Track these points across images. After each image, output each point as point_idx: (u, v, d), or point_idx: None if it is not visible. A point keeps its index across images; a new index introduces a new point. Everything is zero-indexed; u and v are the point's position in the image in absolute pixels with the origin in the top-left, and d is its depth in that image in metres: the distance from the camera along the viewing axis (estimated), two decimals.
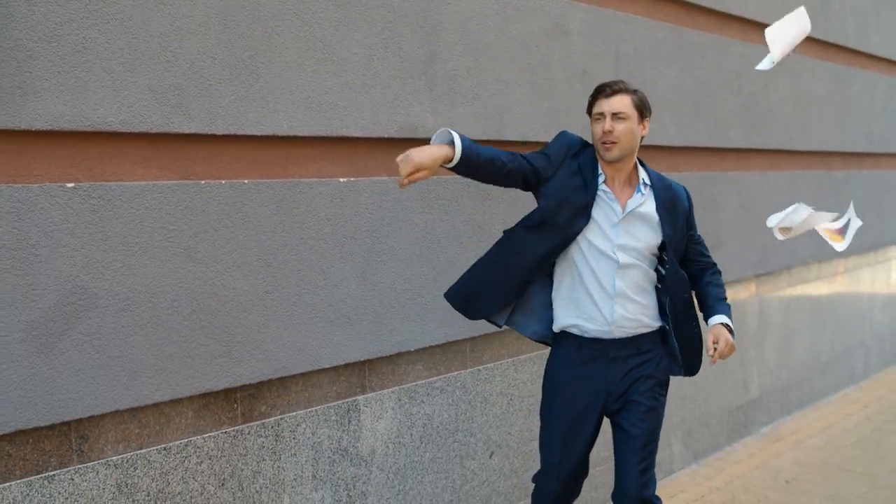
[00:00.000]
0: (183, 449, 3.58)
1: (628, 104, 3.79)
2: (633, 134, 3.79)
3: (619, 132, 3.75)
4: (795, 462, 6.53)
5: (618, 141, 3.75)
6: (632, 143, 3.80)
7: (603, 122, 3.77)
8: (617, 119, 3.77)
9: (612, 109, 3.77)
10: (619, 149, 3.76)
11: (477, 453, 4.77)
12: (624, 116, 3.77)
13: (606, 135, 3.75)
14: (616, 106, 3.78)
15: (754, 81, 6.81)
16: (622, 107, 3.78)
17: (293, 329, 3.90)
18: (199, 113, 3.56)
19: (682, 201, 3.95)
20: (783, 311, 7.45)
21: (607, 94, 3.81)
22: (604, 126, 3.76)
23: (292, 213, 3.88)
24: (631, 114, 3.79)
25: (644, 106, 3.86)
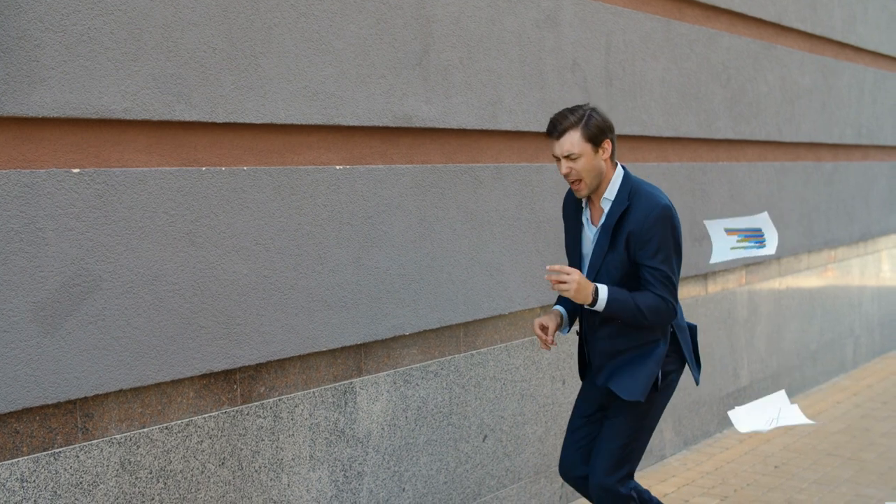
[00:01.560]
0: (184, 428, 3.68)
1: (577, 142, 3.75)
2: (592, 166, 3.80)
3: (577, 171, 3.78)
4: (785, 448, 6.64)
5: (581, 178, 3.80)
6: (596, 173, 3.82)
7: (560, 165, 3.81)
8: (571, 160, 3.78)
9: (563, 152, 3.78)
10: (586, 185, 3.83)
11: (471, 436, 4.88)
12: (576, 156, 3.77)
13: (567, 176, 3.81)
14: (566, 147, 3.77)
15: (742, 73, 6.92)
16: (571, 147, 3.76)
17: (291, 312, 4.01)
18: (200, 101, 3.66)
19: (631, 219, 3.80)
20: (773, 300, 7.57)
21: (555, 136, 3.79)
22: (562, 168, 3.80)
23: (290, 200, 3.98)
24: (583, 150, 3.76)
25: (596, 133, 3.78)
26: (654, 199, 3.82)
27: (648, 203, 3.80)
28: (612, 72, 5.65)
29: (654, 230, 3.77)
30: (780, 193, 7.52)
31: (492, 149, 4.95)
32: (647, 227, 3.76)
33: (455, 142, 4.76)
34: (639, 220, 3.78)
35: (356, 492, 4.31)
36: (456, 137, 4.76)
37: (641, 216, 3.78)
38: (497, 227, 4.93)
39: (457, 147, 4.77)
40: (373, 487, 4.38)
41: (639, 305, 3.77)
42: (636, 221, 3.78)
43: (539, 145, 5.17)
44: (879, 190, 9.32)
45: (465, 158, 4.80)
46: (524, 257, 5.04)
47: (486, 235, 4.86)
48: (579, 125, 3.76)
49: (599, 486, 3.98)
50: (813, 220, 8.05)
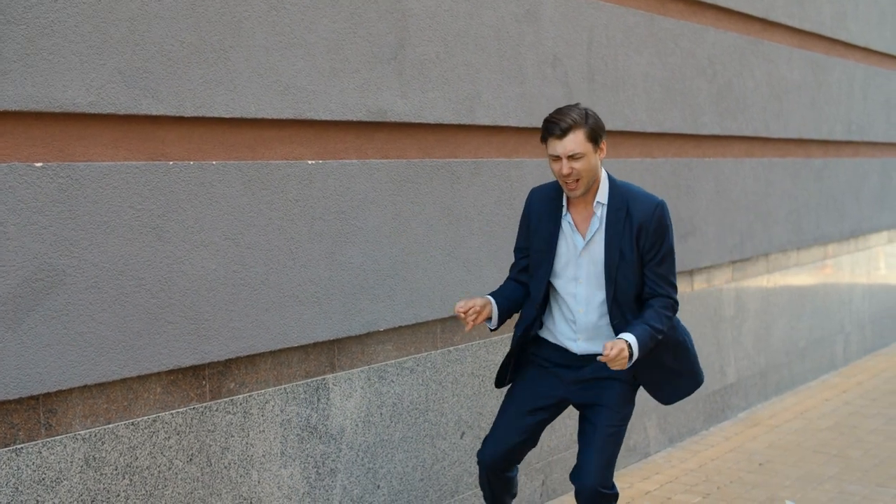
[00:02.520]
0: (151, 424, 3.66)
1: (582, 141, 3.71)
2: (592, 166, 3.78)
3: (578, 170, 3.74)
4: (770, 445, 6.61)
5: (580, 178, 3.77)
6: (594, 173, 3.80)
7: (560, 164, 3.75)
8: (574, 159, 3.73)
9: (567, 152, 3.71)
10: (583, 184, 3.79)
11: (448, 433, 4.85)
12: (580, 155, 3.72)
13: (567, 177, 3.76)
14: (570, 147, 3.71)
15: (728, 68, 6.88)
16: (576, 147, 3.71)
17: (261, 308, 3.98)
18: (168, 95, 3.63)
19: (635, 218, 3.82)
20: (761, 296, 7.54)
21: (558, 135, 3.72)
22: (562, 169, 3.74)
23: (260, 194, 3.95)
24: (586, 149, 3.72)
25: (597, 132, 3.77)
26: (649, 197, 3.89)
27: (646, 201, 3.86)
28: (595, 67, 5.62)
29: (660, 229, 3.84)
30: (768, 190, 7.49)
31: (470, 144, 4.92)
32: (653, 225, 3.82)
33: (432, 137, 4.73)
34: (642, 219, 3.81)
35: (329, 489, 4.28)
36: (433, 132, 4.72)
37: (644, 215, 3.82)
38: (475, 223, 4.90)
39: (434, 142, 4.74)
40: (346, 485, 4.36)
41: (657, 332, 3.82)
42: (640, 220, 3.81)
43: (518, 140, 5.14)
44: (870, 186, 9.28)
45: (442, 154, 4.77)
46: (503, 253, 5.01)
47: (463, 231, 4.84)
48: (583, 124, 3.73)
49: (594, 488, 3.93)
50: (802, 216, 8.02)
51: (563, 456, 5.54)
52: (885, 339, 9.89)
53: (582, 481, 3.92)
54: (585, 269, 3.91)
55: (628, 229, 3.82)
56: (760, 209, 7.39)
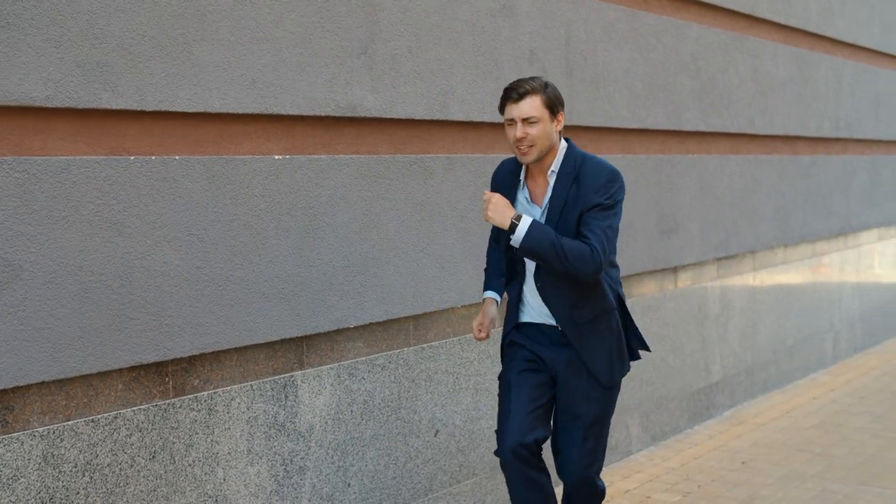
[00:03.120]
0: (112, 421, 3.62)
1: (538, 106, 3.73)
2: (547, 134, 3.76)
3: (533, 136, 3.73)
4: (755, 443, 6.57)
5: (534, 144, 3.75)
6: (548, 142, 3.78)
7: (515, 128, 3.75)
8: (528, 124, 3.73)
9: (522, 115, 3.72)
10: (536, 150, 3.76)
11: (421, 431, 4.81)
12: (535, 120, 3.72)
13: (521, 141, 3.74)
14: (525, 110, 3.72)
15: (712, 64, 6.84)
16: (532, 110, 3.72)
17: (226, 304, 3.94)
18: (128, 89, 3.60)
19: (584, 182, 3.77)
20: (747, 294, 7.50)
21: (515, 98, 3.74)
22: (516, 132, 3.74)
23: (225, 189, 3.92)
24: (542, 115, 3.73)
25: (555, 102, 3.78)
26: (603, 164, 3.85)
27: (597, 168, 3.82)
28: (573, 62, 5.58)
29: (606, 186, 3.77)
30: (754, 186, 7.44)
31: (444, 139, 4.89)
32: (599, 183, 3.76)
33: (404, 132, 4.69)
34: (591, 182, 3.77)
35: (298, 487, 4.25)
36: (405, 128, 4.69)
37: (591, 180, 3.77)
38: (449, 219, 4.86)
39: (406, 137, 4.70)
40: (316, 482, 4.32)
41: (562, 244, 3.68)
42: (587, 186, 3.76)
43: (494, 136, 5.11)
44: (860, 183, 9.23)
45: (415, 149, 4.74)
46: (478, 249, 4.96)
47: (436, 227, 4.80)
48: (540, 91, 3.75)
49: (580, 479, 3.91)
50: (789, 213, 7.97)
51: None
52: (875, 337, 9.85)
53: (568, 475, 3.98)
54: None
55: (574, 192, 3.77)
56: (746, 206, 7.35)
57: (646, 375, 6.37)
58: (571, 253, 3.68)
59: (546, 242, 3.68)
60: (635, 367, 6.21)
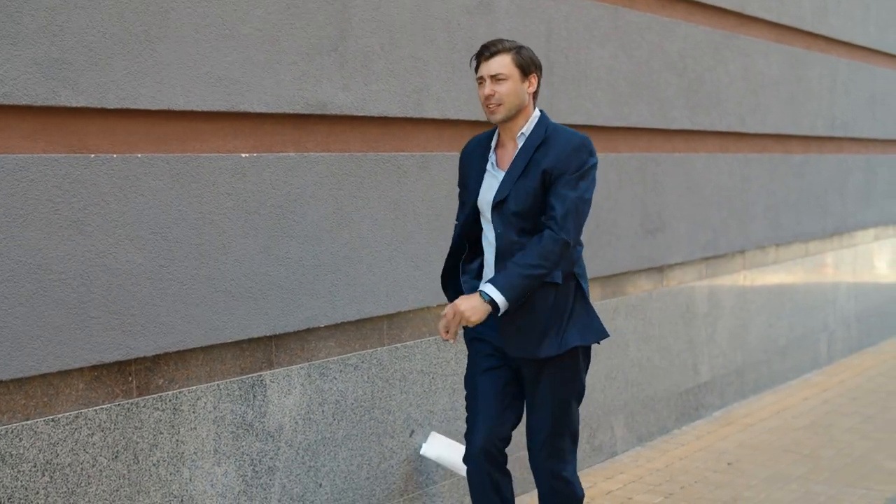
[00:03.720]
0: (73, 420, 3.60)
1: (508, 63, 3.74)
2: (517, 93, 3.76)
3: (501, 94, 3.73)
4: (741, 444, 6.53)
5: (502, 102, 3.74)
6: (517, 102, 3.77)
7: (484, 87, 3.75)
8: (497, 81, 3.74)
9: (491, 72, 3.74)
10: (504, 109, 3.75)
11: (396, 431, 4.78)
12: (504, 77, 3.73)
13: (489, 98, 3.74)
14: (494, 68, 3.74)
15: (700, 63, 6.80)
16: (500, 68, 3.73)
17: (191, 303, 3.92)
18: (89, 87, 3.58)
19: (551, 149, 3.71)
20: (736, 294, 7.45)
21: (486, 56, 3.77)
22: (485, 90, 3.75)
23: (190, 188, 3.89)
24: (511, 73, 3.74)
25: (527, 62, 3.78)
26: (573, 133, 3.81)
27: (567, 136, 3.78)
28: (554, 60, 5.54)
29: (573, 157, 3.72)
30: (744, 185, 7.39)
31: (418, 137, 4.86)
32: (565, 155, 3.71)
33: (377, 130, 4.66)
34: (557, 153, 3.72)
35: (267, 487, 4.22)
36: (378, 126, 4.66)
37: (559, 149, 3.73)
38: (423, 218, 4.83)
39: (379, 135, 4.67)
40: (286, 483, 4.29)
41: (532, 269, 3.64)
42: (554, 156, 3.71)
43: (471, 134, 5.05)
44: (855, 183, 9.17)
45: (388, 147, 4.71)
46: None
47: (410, 226, 4.77)
48: (512, 50, 3.76)
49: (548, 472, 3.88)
50: (781, 212, 7.92)
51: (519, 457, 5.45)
52: (872, 337, 9.78)
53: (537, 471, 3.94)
54: None
55: (539, 156, 3.72)
56: (736, 205, 7.30)
57: (632, 375, 6.33)
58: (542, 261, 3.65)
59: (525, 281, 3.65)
60: (620, 368, 6.18)
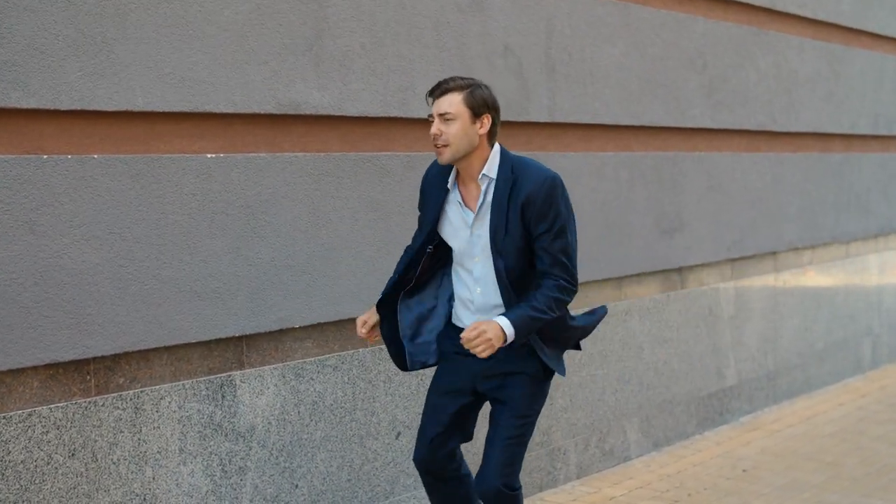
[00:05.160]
0: (26, 418, 3.63)
1: (457, 103, 3.61)
2: (464, 134, 3.62)
3: (448, 135, 3.62)
4: (762, 451, 6.37)
5: (448, 144, 3.63)
6: (466, 143, 3.64)
7: (433, 125, 3.67)
8: (444, 121, 3.62)
9: (440, 110, 3.63)
10: (450, 151, 3.64)
11: (380, 433, 4.75)
12: (451, 117, 3.61)
13: (435, 138, 3.65)
14: (443, 107, 3.62)
15: (723, 60, 6.65)
16: (449, 107, 3.61)
17: (153, 302, 3.93)
18: (40, 88, 3.61)
19: (522, 190, 3.64)
20: (767, 296, 7.26)
21: (436, 94, 3.66)
22: (432, 129, 3.66)
23: (150, 188, 3.91)
24: (459, 113, 3.61)
25: (479, 103, 3.63)
26: (541, 170, 3.69)
27: (537, 174, 3.67)
28: (555, 58, 5.46)
29: (549, 202, 3.63)
30: (776, 186, 7.21)
31: (405, 137, 4.82)
32: (541, 198, 3.62)
33: (360, 130, 4.64)
34: (530, 191, 3.63)
35: (237, 487, 4.22)
36: (360, 126, 4.63)
37: (532, 187, 3.63)
38: (409, 218, 4.76)
39: (362, 136, 4.65)
40: (258, 483, 4.29)
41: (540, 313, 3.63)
42: (527, 193, 3.63)
43: None
44: None
45: (370, 147, 4.68)
46: None
47: (394, 227, 4.73)
48: (463, 91, 3.64)
49: (497, 488, 3.79)
50: (817, 213, 7.71)
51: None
52: None
53: (484, 484, 3.78)
54: (480, 245, 3.75)
55: (514, 201, 3.65)
56: (765, 205, 7.13)
57: (646, 379, 6.21)
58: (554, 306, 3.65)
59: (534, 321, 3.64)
60: (634, 371, 6.07)
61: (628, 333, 6.06)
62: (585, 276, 5.70)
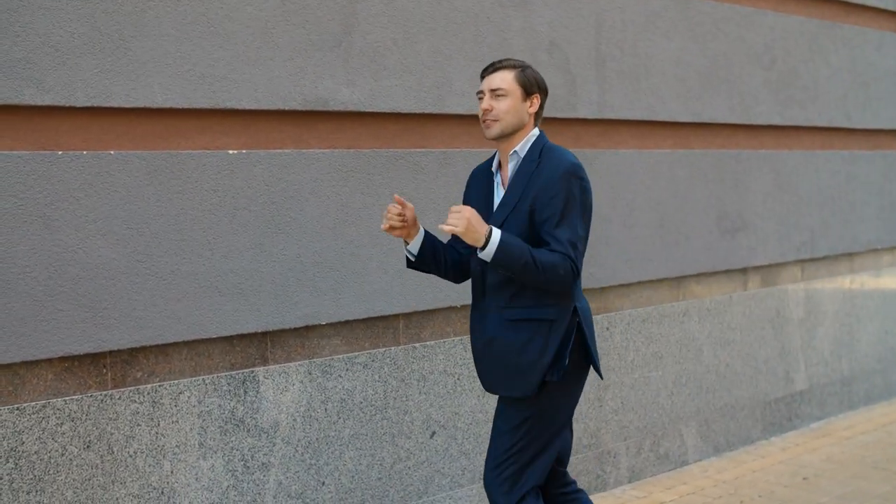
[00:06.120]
0: (40, 410, 3.69)
1: (509, 80, 3.60)
2: (515, 111, 3.60)
3: (499, 110, 3.58)
4: (828, 458, 6.15)
5: (499, 119, 3.59)
6: (515, 120, 3.61)
7: (483, 100, 3.62)
8: (496, 97, 3.60)
9: (491, 86, 3.61)
10: (500, 126, 3.59)
11: (413, 432, 4.71)
12: (503, 93, 3.59)
13: (486, 113, 3.61)
14: (495, 83, 3.60)
15: (792, 55, 6.43)
16: (501, 83, 3.59)
17: (171, 297, 3.96)
18: (55, 86, 3.66)
19: (543, 172, 3.56)
20: (842, 299, 7.01)
21: (489, 71, 3.65)
22: (483, 104, 3.62)
23: (169, 184, 3.93)
24: (512, 90, 3.59)
25: (531, 82, 3.63)
26: (563, 157, 3.60)
27: (556, 160, 3.58)
28: (606, 53, 5.35)
29: (559, 187, 3.52)
30: (850, 184, 6.96)
31: (442, 134, 4.77)
32: (551, 184, 3.53)
33: (393, 126, 4.61)
34: (544, 178, 3.55)
35: (260, 483, 4.23)
36: (393, 122, 4.60)
37: (547, 174, 3.55)
38: (444, 215, 4.73)
39: (395, 132, 4.61)
40: (282, 480, 4.29)
41: (534, 256, 3.45)
42: (542, 180, 3.55)
43: None
44: None
45: (404, 144, 4.64)
46: None
47: (429, 223, 4.66)
48: (515, 69, 3.64)
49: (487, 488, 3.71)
50: None
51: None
52: None
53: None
54: None
55: (532, 185, 3.57)
56: (839, 205, 6.88)
57: (706, 382, 6.05)
58: (544, 265, 3.45)
59: (521, 254, 3.46)
60: (692, 374, 5.93)
61: (686, 335, 5.91)
62: (640, 276, 5.61)
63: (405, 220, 3.64)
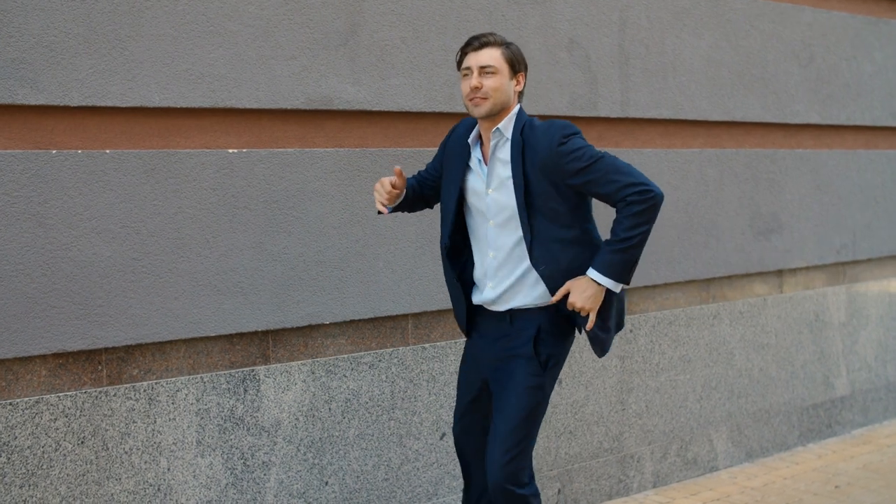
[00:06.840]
0: (33, 405, 3.73)
1: (498, 57, 3.59)
2: (504, 89, 3.59)
3: (488, 87, 3.56)
4: (865, 466, 5.98)
5: (489, 97, 3.57)
6: (504, 98, 3.60)
7: (471, 78, 3.59)
8: (485, 74, 3.58)
9: (480, 63, 3.58)
10: (490, 104, 3.57)
11: (422, 433, 4.68)
12: (493, 71, 3.57)
13: (475, 91, 3.58)
14: (484, 59, 3.58)
15: (833, 52, 6.26)
16: (491, 60, 3.58)
17: (168, 295, 3.98)
18: (50, 85, 3.70)
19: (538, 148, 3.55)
20: (887, 302, 6.82)
21: (475, 47, 3.61)
22: (471, 82, 3.59)
23: (166, 183, 3.95)
24: (501, 68, 3.58)
25: (517, 60, 3.64)
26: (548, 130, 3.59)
27: (543, 135, 3.58)
28: (630, 51, 5.26)
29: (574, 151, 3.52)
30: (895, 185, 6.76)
31: None
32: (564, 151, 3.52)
33: (401, 125, 4.58)
34: (545, 148, 3.55)
35: (261, 481, 4.23)
36: (402, 121, 4.57)
37: (546, 143, 3.55)
38: None
39: (404, 131, 4.59)
40: (283, 479, 4.29)
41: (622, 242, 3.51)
42: (543, 151, 3.54)
43: None
44: None
45: (414, 143, 4.61)
46: None
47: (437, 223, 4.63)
48: (502, 45, 3.64)
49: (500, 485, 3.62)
50: None
51: (586, 465, 5.22)
52: None
53: (488, 479, 3.67)
54: (494, 207, 3.66)
55: (530, 164, 3.56)
56: (885, 206, 6.69)
57: (738, 387, 5.92)
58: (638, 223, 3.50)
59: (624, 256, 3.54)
60: (723, 378, 5.81)
61: (716, 338, 5.79)
62: (667, 278, 5.51)
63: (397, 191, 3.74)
